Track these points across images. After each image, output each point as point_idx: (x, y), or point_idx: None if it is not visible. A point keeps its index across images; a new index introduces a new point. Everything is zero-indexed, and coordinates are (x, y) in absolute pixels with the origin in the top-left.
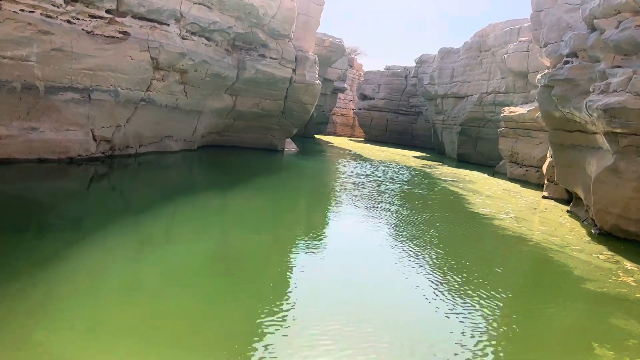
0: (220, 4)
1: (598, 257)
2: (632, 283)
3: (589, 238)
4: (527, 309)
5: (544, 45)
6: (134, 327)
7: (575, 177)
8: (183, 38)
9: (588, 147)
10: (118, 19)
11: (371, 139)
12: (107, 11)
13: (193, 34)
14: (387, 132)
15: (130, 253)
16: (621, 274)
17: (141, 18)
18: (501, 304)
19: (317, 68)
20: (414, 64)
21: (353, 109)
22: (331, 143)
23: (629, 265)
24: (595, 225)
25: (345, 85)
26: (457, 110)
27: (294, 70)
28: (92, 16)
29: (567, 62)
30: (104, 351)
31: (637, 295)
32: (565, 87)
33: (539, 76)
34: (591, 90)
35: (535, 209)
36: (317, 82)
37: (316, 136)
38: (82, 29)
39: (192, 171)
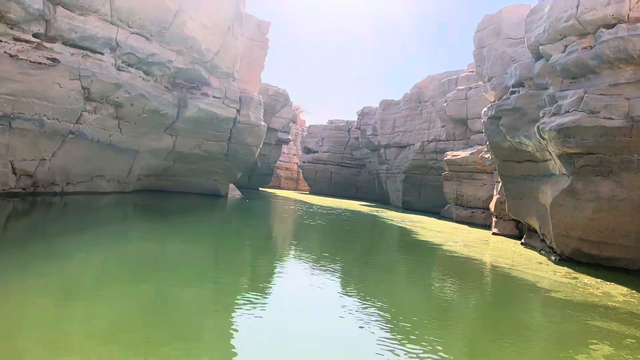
0: (160, 35)
1: (555, 274)
2: (599, 293)
3: (544, 262)
4: (504, 314)
5: (488, 79)
6: None
7: (528, 208)
8: (119, 69)
9: (539, 176)
10: (47, 44)
11: (316, 192)
12: (35, 35)
13: (130, 65)
14: (331, 184)
15: (51, 304)
16: (585, 287)
17: (73, 45)
18: (476, 311)
19: (262, 110)
20: (356, 118)
21: (297, 163)
22: (276, 194)
23: (587, 280)
24: (555, 252)
25: (289, 137)
26: (400, 159)
27: (238, 111)
28: (16, 39)
29: (513, 92)
30: None
31: (609, 303)
32: (513, 116)
33: (485, 109)
34: (541, 116)
35: (486, 241)
36: (263, 123)
37: (260, 188)
38: (5, 52)
39: (126, 215)
